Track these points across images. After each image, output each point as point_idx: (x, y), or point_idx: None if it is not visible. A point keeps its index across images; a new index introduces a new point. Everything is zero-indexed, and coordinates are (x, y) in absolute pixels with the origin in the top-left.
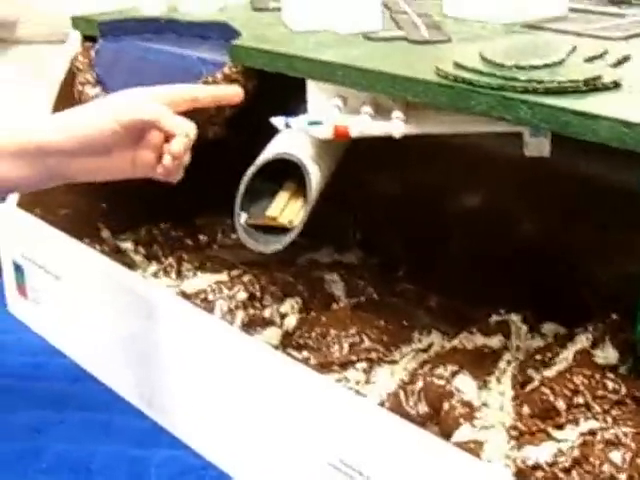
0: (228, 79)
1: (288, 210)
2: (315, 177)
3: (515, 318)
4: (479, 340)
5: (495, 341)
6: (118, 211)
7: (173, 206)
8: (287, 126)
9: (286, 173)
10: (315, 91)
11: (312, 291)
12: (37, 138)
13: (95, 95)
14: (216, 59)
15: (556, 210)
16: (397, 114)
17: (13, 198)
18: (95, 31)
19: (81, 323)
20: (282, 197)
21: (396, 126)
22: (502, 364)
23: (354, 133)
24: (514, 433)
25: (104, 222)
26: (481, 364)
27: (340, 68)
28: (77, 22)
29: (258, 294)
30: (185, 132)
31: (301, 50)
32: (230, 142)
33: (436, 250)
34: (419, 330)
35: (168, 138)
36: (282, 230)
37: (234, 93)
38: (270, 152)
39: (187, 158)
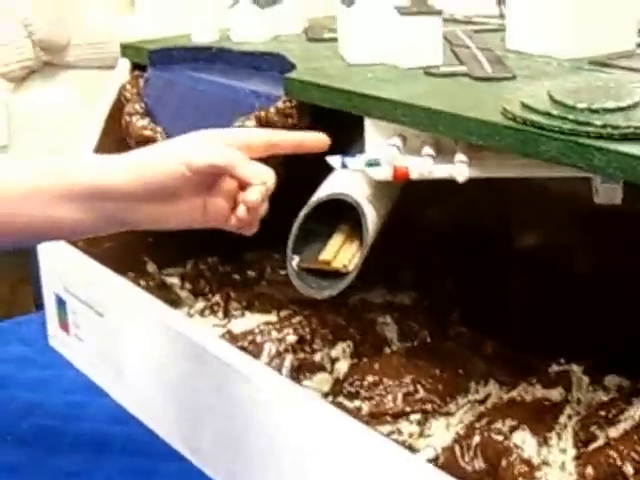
0: (281, 114)
1: (342, 254)
2: (371, 219)
3: (576, 369)
4: (539, 392)
5: (555, 394)
6: (164, 244)
7: (221, 240)
8: (344, 166)
9: (341, 214)
10: (373, 129)
11: (364, 334)
12: (93, 179)
13: (143, 126)
14: (269, 92)
15: (621, 254)
16: (460, 157)
17: None
18: (144, 59)
19: (124, 362)
20: (336, 240)
21: (459, 170)
22: (563, 419)
23: (414, 175)
24: None
25: (150, 255)
26: (541, 418)
27: (400, 106)
28: (126, 50)
29: (308, 337)
30: (263, 180)
31: (360, 86)
32: (283, 179)
33: (492, 293)
34: (475, 379)
35: (243, 187)
36: (336, 274)
37: (318, 140)
38: (324, 192)
39: (264, 209)
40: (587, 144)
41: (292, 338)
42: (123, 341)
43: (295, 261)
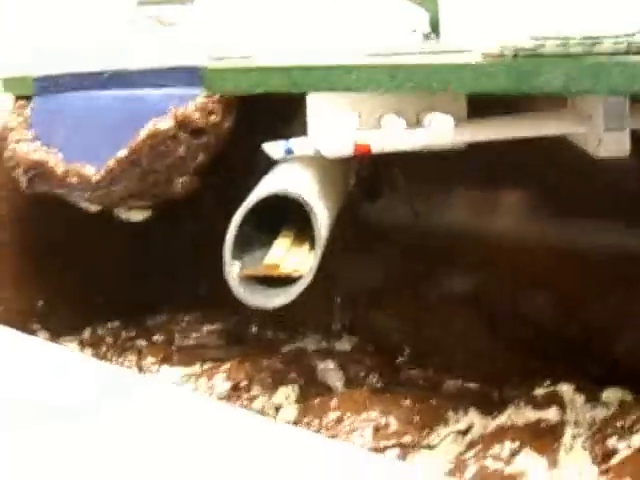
0: (202, 110)
1: (292, 257)
2: (322, 215)
3: (566, 388)
4: (531, 414)
5: (552, 414)
6: (58, 309)
7: (121, 304)
8: (288, 152)
9: (284, 218)
10: (318, 107)
11: (308, 379)
12: None
13: (34, 149)
14: (184, 94)
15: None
16: (439, 117)
17: None
18: (29, 90)
19: None
20: (282, 243)
21: (439, 132)
22: (567, 439)
23: (377, 147)
24: None
25: (41, 323)
26: (542, 440)
27: (356, 70)
28: (8, 82)
29: (244, 383)
30: None
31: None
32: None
33: (438, 330)
34: (453, 409)
35: None
36: (285, 280)
37: None
38: (264, 189)
39: None
40: (602, 63)
41: (225, 385)
42: None
43: (235, 267)
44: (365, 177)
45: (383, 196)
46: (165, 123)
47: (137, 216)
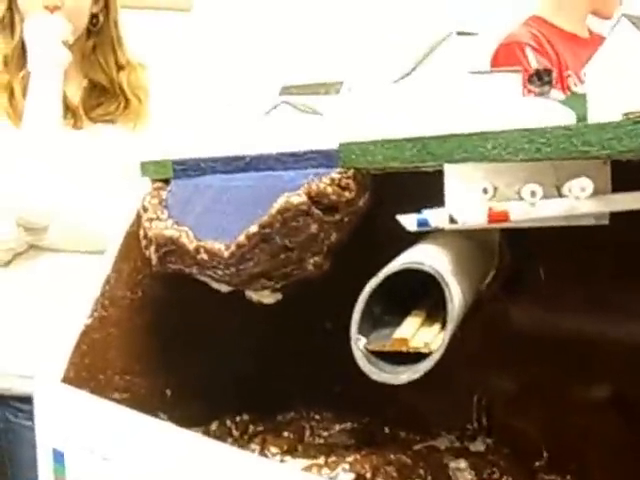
0: (336, 185)
1: (422, 334)
2: (456, 292)
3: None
4: None
5: None
6: (184, 399)
7: (252, 395)
8: (422, 223)
9: (417, 301)
10: (455, 178)
11: (435, 476)
12: None
13: (165, 227)
14: (318, 171)
15: None
16: (582, 182)
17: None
18: (168, 173)
19: None
20: (413, 321)
21: (578, 196)
22: None
23: (516, 215)
24: None
25: (167, 412)
26: None
27: (492, 137)
28: (146, 166)
29: (368, 475)
30: None
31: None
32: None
33: (579, 435)
34: None
35: None
36: (414, 357)
37: None
38: (397, 263)
39: None
40: None
41: (348, 476)
42: None
43: (362, 341)
44: (504, 271)
45: (522, 291)
46: (298, 198)
47: (268, 298)
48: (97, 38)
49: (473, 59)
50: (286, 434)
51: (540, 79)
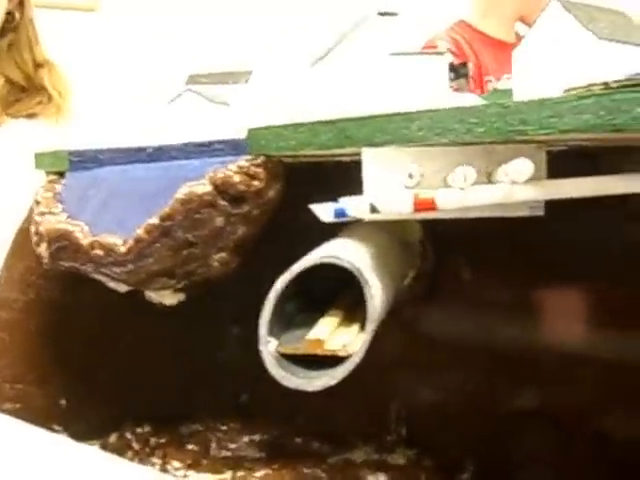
0: (244, 174)
1: (339, 335)
2: (377, 290)
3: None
4: None
5: None
6: (81, 410)
7: (154, 406)
8: (339, 214)
9: (332, 297)
10: (375, 164)
11: None
12: None
13: (58, 221)
14: (227, 159)
15: None
16: (515, 165)
17: None
18: (62, 166)
19: None
20: (329, 321)
21: (519, 189)
22: None
23: (445, 203)
24: None
25: (62, 424)
26: None
27: (422, 116)
28: (41, 158)
29: None
30: None
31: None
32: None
33: (506, 447)
34: None
35: None
36: (331, 361)
37: None
38: (312, 257)
39: None
40: None
41: None
42: None
43: (271, 344)
44: (427, 270)
45: (444, 292)
46: (202, 187)
47: (170, 299)
48: (13, 36)
49: (395, 40)
50: (190, 447)
51: (456, 72)
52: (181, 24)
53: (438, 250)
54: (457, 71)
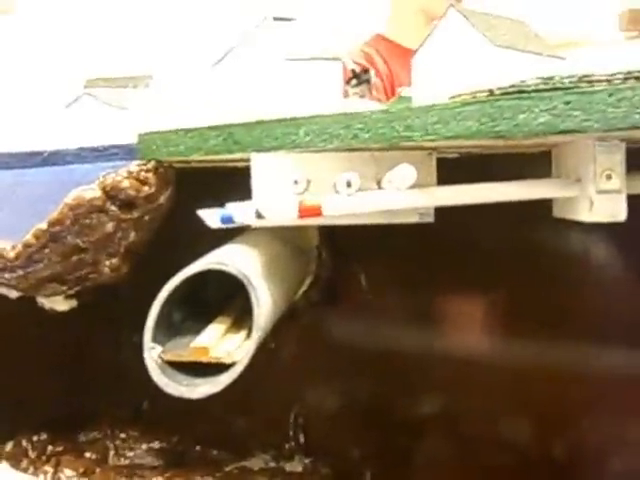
0: (135, 179)
1: (225, 343)
2: (265, 297)
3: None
4: None
5: None
6: None
7: (52, 413)
8: (226, 220)
9: (221, 305)
10: (263, 170)
11: None
12: None
13: None
14: (118, 164)
15: None
16: (399, 171)
17: None
18: None
19: None
20: (216, 328)
21: (404, 195)
22: None
23: (331, 209)
24: None
25: None
26: None
27: (309, 122)
28: None
29: None
30: None
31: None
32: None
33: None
34: None
35: None
36: (216, 368)
37: None
38: (198, 264)
39: None
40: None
41: None
42: None
43: (155, 350)
44: (324, 277)
45: (341, 299)
46: (91, 192)
47: (62, 305)
48: None
49: (290, 45)
50: (88, 454)
51: (358, 78)
52: (91, 28)
53: (338, 257)
54: (359, 77)
